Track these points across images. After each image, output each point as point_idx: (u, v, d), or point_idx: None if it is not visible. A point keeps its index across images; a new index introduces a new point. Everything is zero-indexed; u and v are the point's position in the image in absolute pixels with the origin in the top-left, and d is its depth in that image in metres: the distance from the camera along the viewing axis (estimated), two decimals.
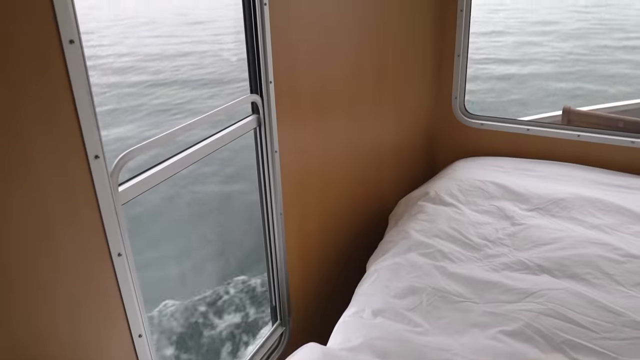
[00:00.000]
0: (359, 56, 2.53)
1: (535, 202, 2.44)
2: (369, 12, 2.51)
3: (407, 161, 3.13)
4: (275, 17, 1.96)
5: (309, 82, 2.27)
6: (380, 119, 2.82)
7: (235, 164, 7.09)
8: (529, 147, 2.99)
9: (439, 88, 3.08)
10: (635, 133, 2.81)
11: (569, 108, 3.34)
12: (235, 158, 7.07)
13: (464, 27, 2.91)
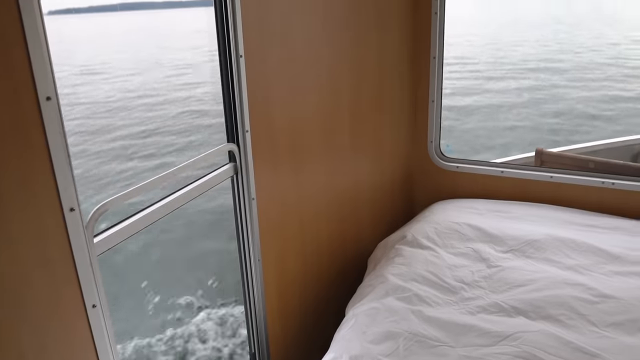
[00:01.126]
0: (334, 101, 2.60)
1: (511, 244, 2.47)
2: (344, 58, 2.59)
3: (385, 203, 3.17)
4: (251, 68, 2.01)
5: (285, 128, 2.31)
6: (357, 162, 2.87)
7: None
8: (504, 189, 3.05)
9: (415, 132, 3.16)
10: (605, 174, 2.88)
11: (541, 150, 3.43)
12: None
13: (437, 73, 3.01)
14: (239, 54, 1.95)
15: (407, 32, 2.92)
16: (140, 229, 1.65)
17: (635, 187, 2.79)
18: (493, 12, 47.22)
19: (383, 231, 3.02)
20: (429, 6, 2.88)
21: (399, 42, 2.90)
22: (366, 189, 2.99)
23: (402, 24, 2.88)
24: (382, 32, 2.78)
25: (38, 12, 1.15)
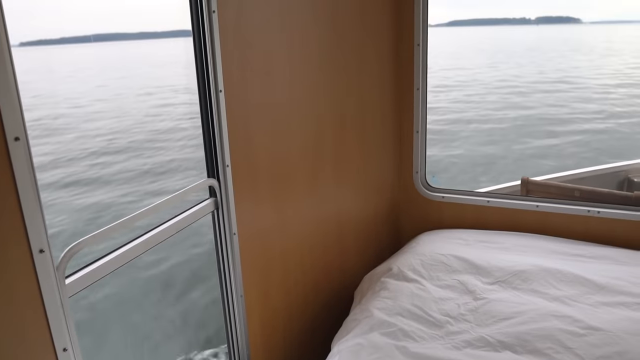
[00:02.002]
0: (317, 134, 2.59)
1: (497, 275, 2.45)
2: (327, 91, 2.60)
3: (372, 235, 3.15)
4: (231, 103, 2.01)
5: (267, 162, 2.30)
6: (341, 194, 2.85)
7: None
8: (491, 218, 3.04)
9: (401, 162, 3.16)
10: (591, 202, 2.88)
11: (527, 179, 3.44)
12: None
13: (421, 105, 3.02)
14: (219, 89, 1.95)
15: (390, 64, 2.95)
16: (115, 269, 1.62)
17: (621, 216, 2.79)
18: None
19: (370, 262, 2.99)
20: (412, 38, 2.91)
21: (382, 74, 2.92)
22: (351, 221, 2.97)
23: (385, 56, 2.90)
24: (366, 64, 2.80)
25: (5, 46, 1.14)
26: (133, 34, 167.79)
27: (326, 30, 2.51)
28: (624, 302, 2.22)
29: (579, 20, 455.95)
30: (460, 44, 51.72)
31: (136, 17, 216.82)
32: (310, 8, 2.40)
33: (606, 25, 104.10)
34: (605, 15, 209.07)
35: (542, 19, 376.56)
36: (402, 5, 2.86)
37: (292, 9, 2.31)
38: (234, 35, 2.02)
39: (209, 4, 1.87)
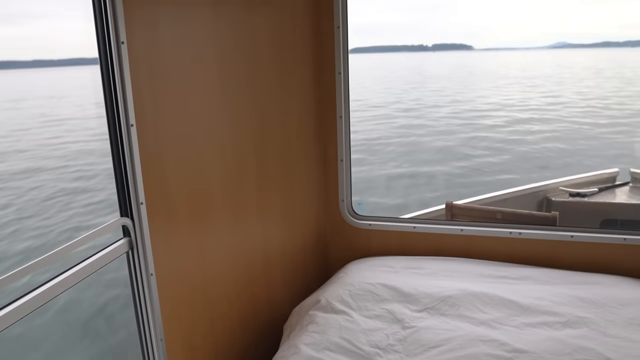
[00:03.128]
0: (239, 165, 2.51)
1: (425, 302, 2.42)
2: (247, 122, 2.52)
3: (299, 266, 3.06)
4: (144, 137, 1.90)
5: (185, 197, 2.19)
6: (266, 225, 2.76)
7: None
8: (417, 244, 3.04)
9: (326, 191, 3.11)
10: (512, 224, 2.95)
11: (451, 203, 3.48)
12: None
13: (345, 133, 3.00)
14: (130, 123, 1.84)
15: (312, 92, 2.92)
16: (14, 322, 1.45)
17: (541, 236, 2.86)
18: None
19: (298, 294, 2.91)
20: (333, 67, 2.90)
21: (305, 103, 2.89)
22: (277, 252, 2.88)
23: (307, 85, 2.87)
24: (288, 93, 2.76)
25: None
26: (26, 62, 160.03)
27: (245, 60, 2.46)
28: (547, 321, 2.24)
29: (471, 47, 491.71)
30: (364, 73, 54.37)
31: (31, 42, 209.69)
32: (228, 37, 2.33)
33: (494, 52, 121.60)
34: (492, 43, 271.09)
35: (438, 45, 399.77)
36: (322, 34, 2.86)
37: (209, 38, 2.24)
38: (146, 67, 1.92)
39: (117, 35, 1.77)
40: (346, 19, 2.85)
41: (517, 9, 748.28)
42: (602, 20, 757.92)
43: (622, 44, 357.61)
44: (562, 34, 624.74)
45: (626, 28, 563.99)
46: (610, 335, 2.14)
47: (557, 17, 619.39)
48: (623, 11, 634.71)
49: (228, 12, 2.32)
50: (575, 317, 2.26)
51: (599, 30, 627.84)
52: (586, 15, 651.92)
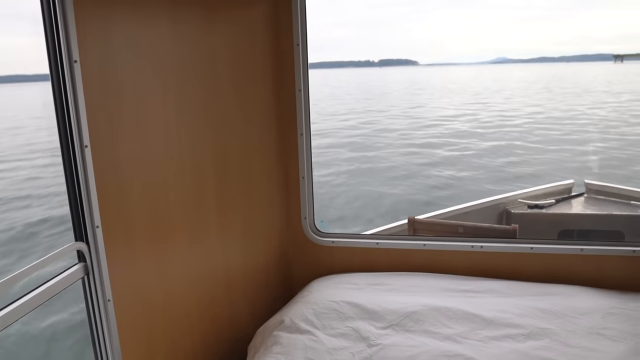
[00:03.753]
0: (199, 184, 2.46)
1: (390, 319, 2.41)
2: (207, 138, 2.48)
3: (262, 285, 3.01)
4: (99, 158, 1.85)
5: (144, 218, 2.13)
6: (228, 245, 2.71)
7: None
8: (381, 260, 3.03)
9: (289, 209, 3.08)
10: (474, 237, 2.98)
11: (413, 218, 3.50)
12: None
13: (306, 150, 2.99)
14: (84, 144, 1.78)
15: (273, 110, 2.90)
16: None
17: (502, 249, 2.90)
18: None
19: (262, 313, 2.86)
20: (293, 84, 2.89)
21: (265, 121, 2.86)
22: (240, 272, 2.82)
23: (267, 103, 2.85)
24: (248, 111, 2.73)
25: None
26: None
27: (204, 78, 2.42)
28: (510, 334, 2.26)
29: (416, 62, 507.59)
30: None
31: None
32: (186, 56, 2.30)
33: (438, 67, 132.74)
34: (437, 58, 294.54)
35: (385, 61, 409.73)
36: (281, 52, 2.85)
37: (167, 56, 2.20)
38: (101, 86, 1.87)
39: (70, 53, 1.72)
40: (305, 36, 2.85)
41: (459, 26, 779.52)
42: (538, 37, 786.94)
43: (557, 59, 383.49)
44: (501, 50, 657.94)
45: (560, 44, 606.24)
46: (571, 345, 2.17)
47: (496, 33, 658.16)
48: (557, 29, 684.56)
49: (186, 30, 2.29)
50: (537, 329, 2.28)
51: (535, 47, 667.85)
52: (523, 32, 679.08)
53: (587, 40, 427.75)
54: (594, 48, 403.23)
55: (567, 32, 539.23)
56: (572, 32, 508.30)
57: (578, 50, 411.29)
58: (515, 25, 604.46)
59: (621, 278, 2.80)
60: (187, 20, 2.29)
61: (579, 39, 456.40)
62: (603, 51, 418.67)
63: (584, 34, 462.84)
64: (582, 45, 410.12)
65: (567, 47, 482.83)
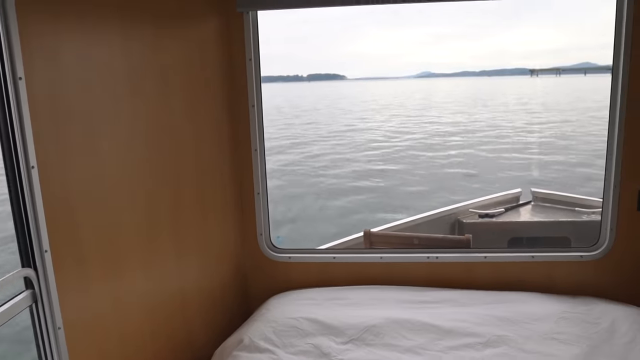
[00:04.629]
0: (153, 203, 2.38)
1: (350, 333, 2.40)
2: (160, 157, 2.41)
3: (219, 304, 2.94)
4: (48, 180, 1.76)
5: (95, 241, 2.05)
6: (183, 265, 2.64)
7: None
8: (338, 274, 3.02)
9: (244, 226, 3.03)
10: (429, 248, 3.01)
11: (368, 231, 3.52)
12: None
13: (260, 165, 2.96)
14: (31, 165, 1.69)
15: (226, 126, 2.85)
16: None
17: (457, 259, 2.94)
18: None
19: (219, 333, 2.79)
20: (246, 99, 2.86)
21: (219, 138, 2.81)
22: (194, 290, 2.75)
23: (221, 120, 2.81)
24: (201, 128, 2.67)
25: None
26: None
27: (156, 95, 2.36)
28: (469, 343, 2.29)
29: (344, 77, 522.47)
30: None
31: None
32: (137, 72, 2.24)
33: (365, 81, 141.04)
34: (363, 73, 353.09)
35: (313, 76, 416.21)
36: (234, 67, 2.82)
37: (117, 73, 2.13)
38: (48, 104, 1.79)
39: (14, 70, 1.64)
40: (258, 51, 2.83)
41: (386, 42, 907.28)
42: (460, 53, 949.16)
43: (478, 74, 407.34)
44: (426, 64, 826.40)
45: (480, 59, 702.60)
46: (527, 351, 2.22)
47: (421, 50, 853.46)
48: (477, 45, 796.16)
49: (137, 46, 2.24)
50: (495, 336, 2.32)
51: (457, 62, 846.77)
52: (446, 48, 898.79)
53: (504, 56, 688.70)
54: (511, 63, 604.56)
55: (487, 48, 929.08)
56: (491, 48, 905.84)
57: (497, 65, 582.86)
58: (438, 42, 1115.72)
59: (570, 283, 2.89)
60: (137, 36, 2.24)
61: (497, 54, 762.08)
62: (520, 66, 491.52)
63: (502, 49, 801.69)
64: (500, 61, 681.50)
65: (487, 62, 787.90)
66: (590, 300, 2.69)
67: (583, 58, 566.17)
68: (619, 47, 2.65)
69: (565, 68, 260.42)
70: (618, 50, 2.66)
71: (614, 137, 2.75)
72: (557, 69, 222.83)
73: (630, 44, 2.62)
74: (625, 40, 2.63)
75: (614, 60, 2.70)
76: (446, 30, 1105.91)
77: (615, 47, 2.68)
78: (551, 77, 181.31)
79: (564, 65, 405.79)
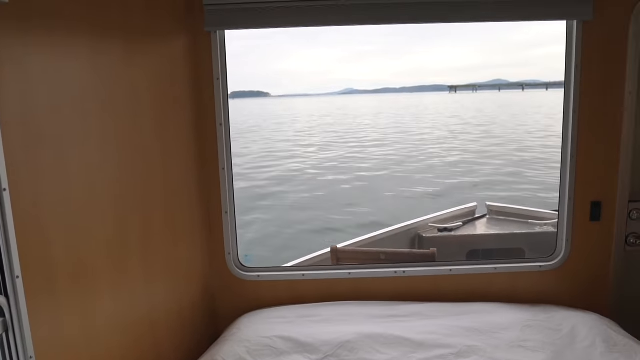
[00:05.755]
0: (122, 226, 2.34)
1: (324, 350, 2.41)
2: (128, 177, 2.37)
3: (188, 325, 2.89)
4: (19, 203, 1.71)
5: (67, 266, 1.99)
6: (152, 287, 2.58)
7: None
8: (307, 291, 3.03)
9: (212, 245, 3.01)
10: (395, 263, 3.07)
11: (335, 247, 3.55)
12: None
13: (228, 184, 2.95)
14: (2, 187, 1.64)
15: (194, 146, 2.83)
16: None
17: (423, 272, 3.01)
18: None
19: (188, 356, 2.75)
20: (214, 118, 2.86)
21: (186, 156, 2.79)
22: (164, 314, 2.69)
23: (189, 139, 2.78)
24: (169, 150, 2.64)
25: None
26: None
27: (125, 113, 2.33)
28: (441, 354, 2.34)
29: (268, 94, 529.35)
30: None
31: None
32: (106, 89, 2.20)
33: (291, 98, 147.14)
34: (288, 90, 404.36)
35: (237, 93, 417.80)
36: (202, 85, 2.81)
37: (87, 90, 2.09)
38: (18, 124, 1.74)
39: None
40: (225, 70, 2.85)
41: (310, 60, 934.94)
42: (380, 70, 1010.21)
43: (399, 90, 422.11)
44: (349, 81, 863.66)
45: (400, 76, 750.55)
46: (497, 359, 2.29)
47: (343, 66, 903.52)
48: (397, 62, 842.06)
49: (106, 62, 2.20)
50: (465, 347, 2.39)
51: (378, 78, 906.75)
52: (367, 66, 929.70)
53: (423, 73, 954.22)
54: (430, 80, 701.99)
55: (406, 65, 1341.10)
56: (410, 65, 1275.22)
57: (417, 82, 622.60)
58: (359, 60, 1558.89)
59: (531, 292, 3.01)
60: (107, 51, 2.21)
61: (416, 71, 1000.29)
62: (438, 82, 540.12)
63: (421, 66, 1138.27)
64: (419, 77, 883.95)
65: (407, 78, 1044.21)
66: (550, 308, 2.81)
67: (495, 75, 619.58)
68: (570, 70, 2.81)
69: (481, 84, 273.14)
70: (569, 73, 2.82)
71: (567, 153, 2.90)
72: (474, 85, 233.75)
73: (580, 67, 2.78)
74: (576, 64, 2.79)
75: (565, 82, 2.87)
76: (367, 48, 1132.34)
77: (566, 70, 2.84)
78: (469, 92, 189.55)
79: (479, 81, 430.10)
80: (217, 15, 2.70)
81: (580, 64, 2.79)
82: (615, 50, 2.80)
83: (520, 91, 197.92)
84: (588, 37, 2.77)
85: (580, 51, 2.78)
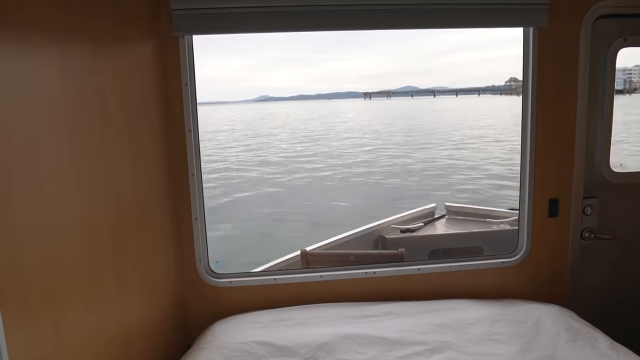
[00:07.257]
0: (94, 237, 2.27)
1: (303, 352, 2.43)
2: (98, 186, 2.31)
3: (160, 334, 2.84)
4: None
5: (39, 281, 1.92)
6: (124, 297, 2.52)
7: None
8: (280, 295, 3.04)
9: (182, 253, 2.97)
10: (365, 264, 3.12)
11: (305, 251, 3.58)
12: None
13: (197, 190, 2.93)
14: None
15: (163, 152, 2.78)
16: None
17: (392, 272, 3.08)
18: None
19: None
20: (182, 124, 2.84)
21: (155, 163, 2.74)
22: (138, 327, 2.64)
23: (156, 144, 2.74)
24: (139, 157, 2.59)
25: None
26: None
27: (93, 120, 2.26)
28: (417, 351, 2.41)
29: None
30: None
31: None
32: (74, 94, 2.14)
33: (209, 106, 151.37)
34: (205, 97, 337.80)
35: None
36: (170, 91, 2.79)
37: (55, 96, 2.03)
38: None
39: None
40: (194, 76, 2.83)
41: (222, 67, 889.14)
42: (296, 77, 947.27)
43: (315, 97, 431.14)
44: (264, 88, 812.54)
45: (316, 83, 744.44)
46: (471, 353, 2.37)
47: (258, 74, 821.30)
48: (312, 70, 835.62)
49: (73, 65, 2.13)
50: (439, 343, 2.46)
51: (294, 85, 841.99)
52: (282, 73, 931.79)
53: (338, 80, 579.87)
54: (344, 87, 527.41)
55: (321, 72, 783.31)
56: (325, 72, 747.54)
57: (332, 89, 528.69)
58: (275, 67, 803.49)
59: (496, 288, 3.13)
60: (74, 54, 2.15)
61: (331, 78, 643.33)
62: (353, 89, 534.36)
63: (335, 74, 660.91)
64: (334, 85, 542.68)
65: (322, 85, 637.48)
66: (514, 302, 2.93)
67: (407, 82, 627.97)
68: (527, 74, 2.96)
69: (394, 91, 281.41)
70: (527, 77, 2.96)
71: (526, 154, 3.04)
72: (387, 92, 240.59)
73: (537, 75, 2.93)
74: (532, 69, 2.93)
75: (523, 88, 3.03)
76: (282, 55, 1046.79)
77: (524, 74, 2.99)
78: (382, 99, 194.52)
79: (392, 88, 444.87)
80: (186, 21, 2.69)
81: (536, 69, 2.93)
82: (567, 55, 2.97)
83: (432, 97, 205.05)
84: (543, 44, 2.92)
85: (536, 56, 2.92)
